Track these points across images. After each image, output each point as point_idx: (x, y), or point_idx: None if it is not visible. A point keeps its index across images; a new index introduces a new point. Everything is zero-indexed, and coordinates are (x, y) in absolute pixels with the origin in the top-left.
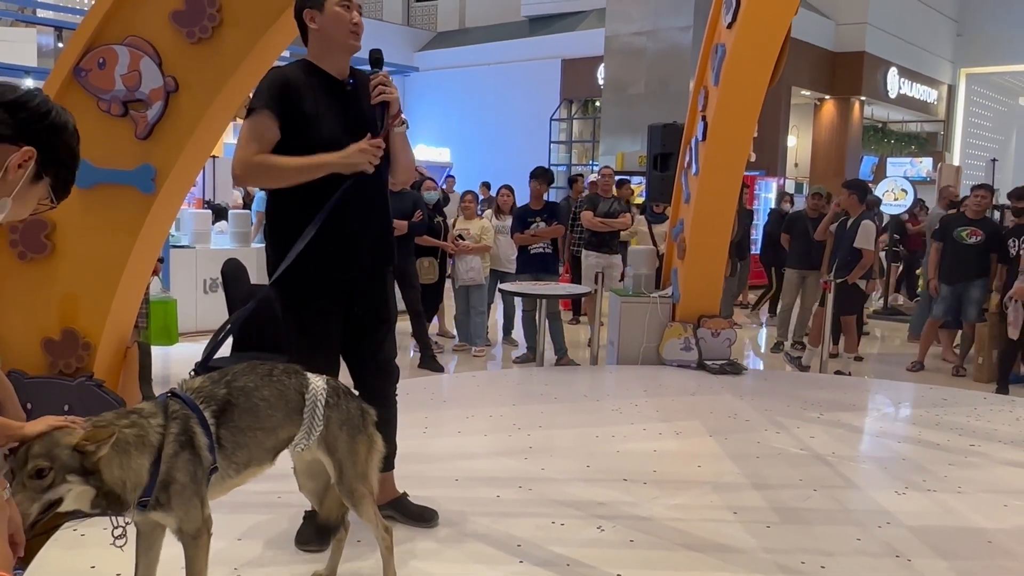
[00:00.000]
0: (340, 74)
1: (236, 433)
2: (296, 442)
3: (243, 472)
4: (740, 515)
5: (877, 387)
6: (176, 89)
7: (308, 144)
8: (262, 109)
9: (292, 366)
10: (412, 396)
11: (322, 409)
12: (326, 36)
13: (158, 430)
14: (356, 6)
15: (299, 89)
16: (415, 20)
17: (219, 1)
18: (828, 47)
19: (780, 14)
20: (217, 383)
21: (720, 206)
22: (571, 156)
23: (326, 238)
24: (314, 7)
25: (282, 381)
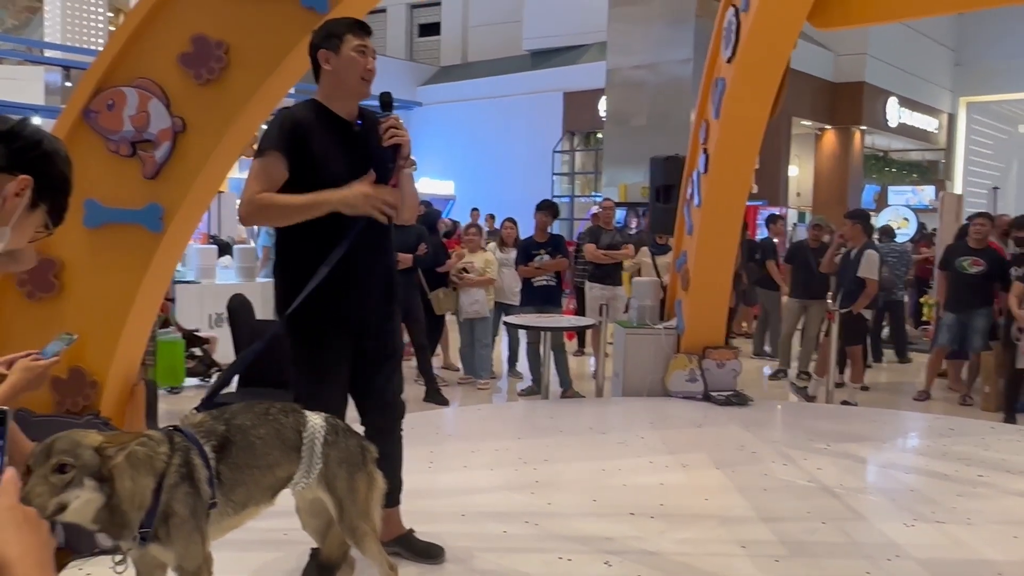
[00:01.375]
0: (349, 115)
1: (234, 470)
2: (295, 481)
3: (241, 512)
4: (748, 549)
5: (884, 417)
6: (184, 129)
7: (315, 184)
8: (271, 150)
9: (290, 404)
10: (417, 430)
11: (320, 447)
12: (338, 79)
13: (163, 457)
14: (371, 52)
15: (308, 130)
16: (418, 55)
17: (226, 43)
18: (828, 78)
19: (779, 48)
20: (217, 419)
21: (723, 238)
22: (574, 188)
23: (336, 278)
24: (330, 48)
25: (279, 419)
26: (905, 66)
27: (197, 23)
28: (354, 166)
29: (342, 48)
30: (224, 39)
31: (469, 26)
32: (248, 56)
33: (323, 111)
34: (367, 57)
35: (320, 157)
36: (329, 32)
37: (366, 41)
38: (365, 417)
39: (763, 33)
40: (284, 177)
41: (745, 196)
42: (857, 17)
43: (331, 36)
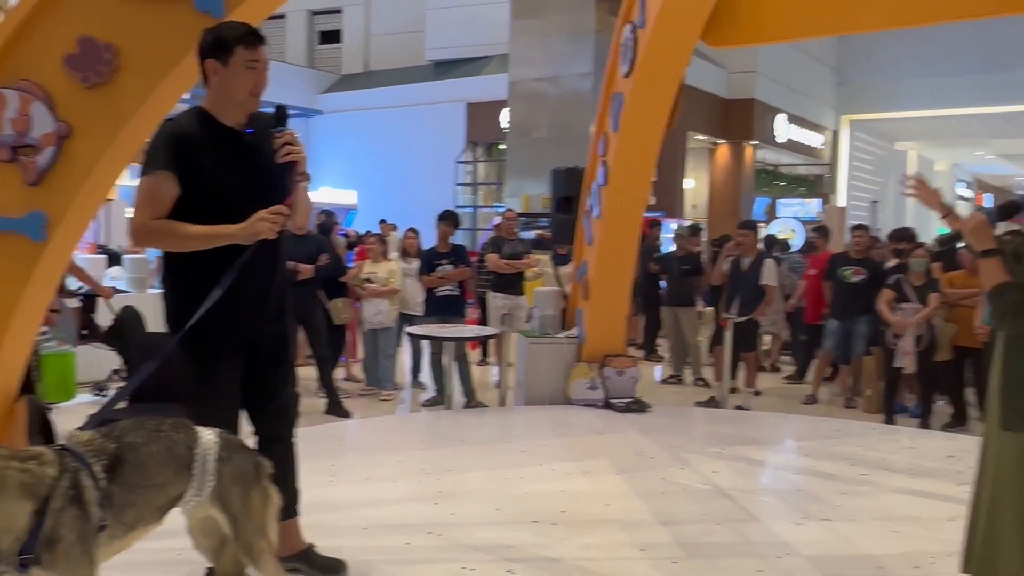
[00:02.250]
0: (237, 125)
1: (126, 490)
2: (187, 499)
3: (129, 534)
4: (647, 552)
5: (775, 421)
6: (70, 134)
7: (206, 197)
8: (158, 169)
9: (182, 420)
10: (318, 443)
11: (213, 464)
12: (226, 91)
13: (49, 480)
14: (264, 65)
15: (195, 142)
16: (319, 62)
17: (115, 46)
18: (721, 94)
19: (674, 64)
20: (107, 437)
21: (622, 248)
22: (477, 198)
23: (229, 294)
24: (219, 59)
25: (171, 436)
26: (792, 85)
27: (84, 24)
28: (246, 177)
29: (231, 61)
30: (113, 41)
31: (371, 34)
32: (139, 60)
33: (210, 121)
34: (258, 72)
35: (210, 171)
36: (219, 40)
37: (257, 55)
38: (257, 427)
39: (659, 49)
40: (175, 195)
41: (643, 207)
42: (746, 37)
43: (220, 46)
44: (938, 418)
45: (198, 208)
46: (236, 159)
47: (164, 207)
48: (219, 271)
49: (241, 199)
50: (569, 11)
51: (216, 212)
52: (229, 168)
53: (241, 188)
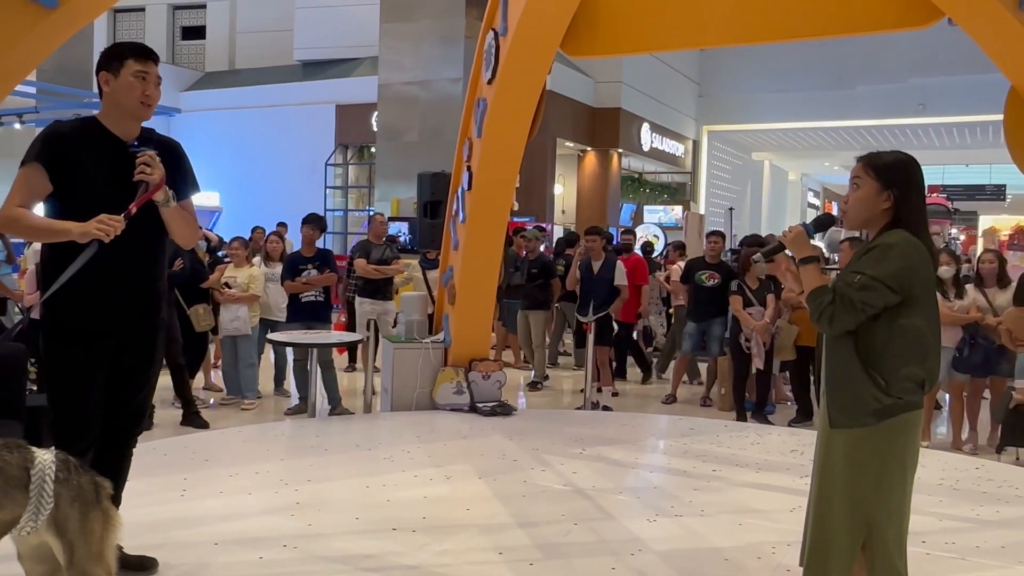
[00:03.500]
0: (125, 135)
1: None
2: (22, 524)
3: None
4: (505, 555)
5: (634, 420)
6: None
7: (76, 197)
8: (32, 162)
9: (15, 440)
10: (171, 456)
11: (51, 486)
12: (116, 101)
13: None
14: (154, 79)
15: (73, 145)
16: (180, 59)
17: None
18: (589, 103)
19: (535, 71)
20: None
21: (487, 253)
22: (347, 201)
23: (95, 289)
24: (110, 71)
25: (2, 456)
26: (656, 95)
27: None
28: (119, 184)
29: (122, 71)
30: None
31: (237, 31)
32: None
33: (97, 128)
34: (148, 83)
35: (83, 172)
36: (111, 54)
37: (148, 67)
38: (107, 428)
39: (520, 57)
40: (46, 188)
41: (507, 212)
42: (605, 48)
43: (112, 58)
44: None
45: (68, 206)
46: (112, 165)
47: (31, 197)
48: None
49: (109, 202)
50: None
51: (84, 212)
52: (103, 173)
53: (111, 193)
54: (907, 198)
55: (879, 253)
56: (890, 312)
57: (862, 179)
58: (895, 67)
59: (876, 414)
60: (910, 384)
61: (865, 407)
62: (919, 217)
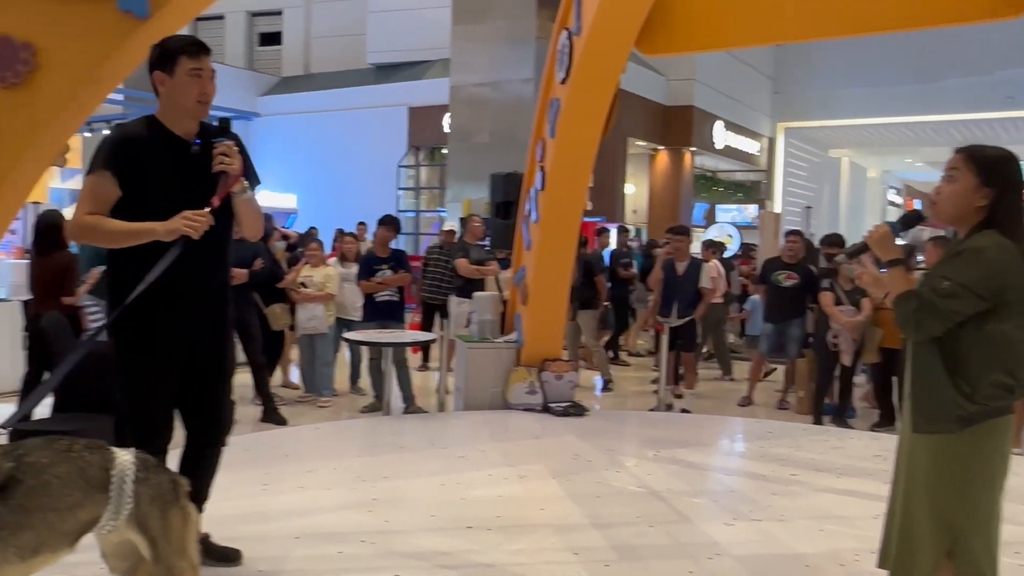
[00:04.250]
0: (186, 134)
1: (19, 513)
2: (103, 523)
3: (31, 559)
4: (580, 556)
5: (709, 423)
6: None
7: (146, 199)
8: (100, 169)
9: (96, 441)
10: (252, 451)
11: (131, 485)
12: (173, 100)
13: None
14: (209, 74)
15: (139, 147)
16: (258, 64)
17: (34, 45)
18: (661, 101)
19: (609, 71)
20: (7, 455)
21: (560, 253)
22: (419, 203)
23: (165, 294)
24: (165, 70)
25: (83, 457)
26: (730, 92)
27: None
28: (186, 183)
29: (176, 71)
30: (32, 41)
31: (312, 37)
32: (60, 60)
33: (159, 128)
34: (203, 80)
35: (151, 175)
36: (164, 53)
37: (202, 63)
38: (194, 431)
39: (594, 56)
40: (115, 195)
41: (580, 212)
42: (680, 45)
43: (165, 57)
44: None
45: (138, 209)
46: (179, 165)
47: (101, 205)
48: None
49: (179, 204)
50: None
51: (155, 214)
52: (170, 173)
53: (180, 193)
54: (1004, 198)
55: (969, 257)
56: (977, 317)
57: (960, 172)
58: (982, 59)
59: (960, 421)
60: (997, 391)
61: (948, 413)
62: (1015, 219)
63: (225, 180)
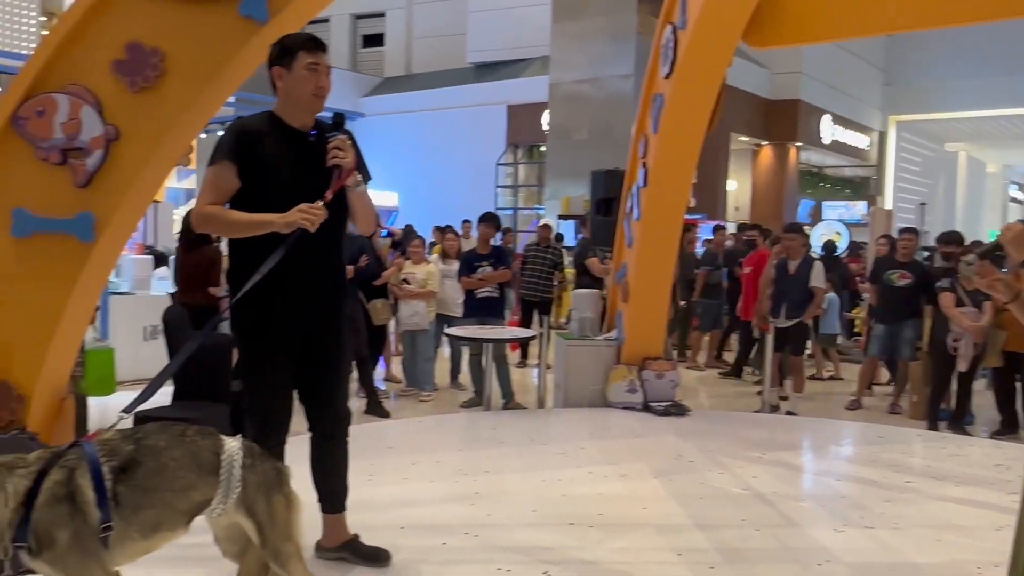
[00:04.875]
0: (302, 128)
1: (139, 492)
2: (213, 506)
3: (152, 536)
4: (684, 556)
5: (816, 426)
6: (117, 137)
7: (264, 191)
8: (221, 159)
9: (206, 428)
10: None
11: (239, 471)
12: (291, 94)
13: (27, 477)
14: (325, 69)
15: (259, 139)
16: (361, 65)
17: (162, 51)
18: (765, 95)
19: (714, 65)
20: (127, 438)
21: (662, 250)
22: (517, 200)
23: (283, 288)
24: (283, 65)
25: (195, 442)
26: (838, 85)
27: (132, 30)
28: (304, 175)
29: (294, 65)
30: (160, 47)
31: (413, 37)
32: (185, 65)
33: (277, 122)
34: (319, 74)
35: (270, 165)
36: (283, 49)
37: (319, 58)
38: (312, 424)
39: (699, 50)
40: (235, 186)
41: (683, 209)
42: (789, 37)
43: (285, 53)
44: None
45: (256, 200)
46: (296, 158)
47: (222, 195)
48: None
49: (296, 195)
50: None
51: (272, 205)
52: (288, 165)
53: (297, 185)
54: None
55: None
56: None
57: None
58: None
59: None
60: None
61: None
62: None
63: (339, 174)
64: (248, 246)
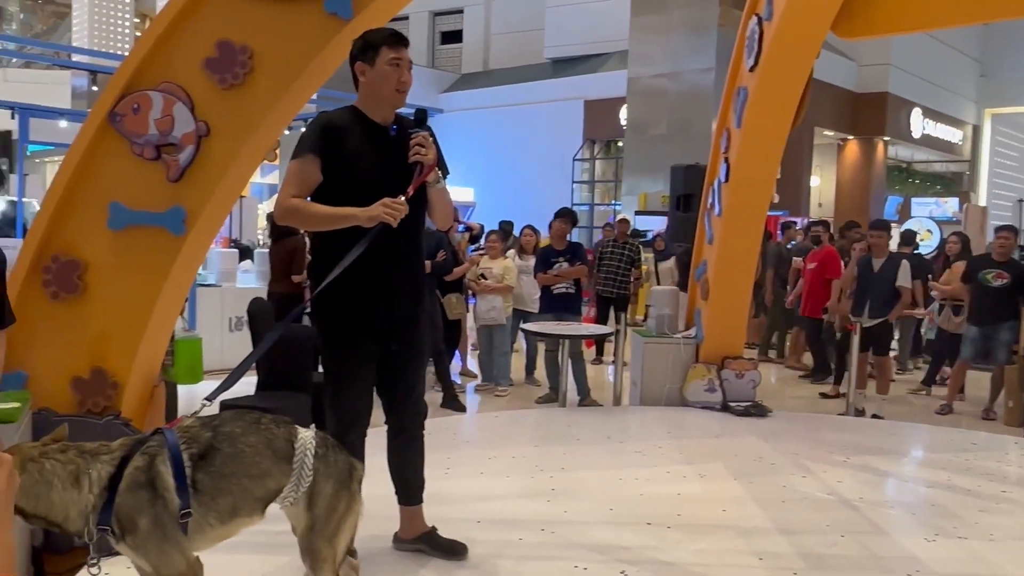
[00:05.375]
0: (384, 121)
1: (217, 479)
2: (285, 495)
3: (229, 522)
4: (766, 561)
5: (905, 430)
6: (208, 133)
7: (346, 184)
8: (305, 153)
9: (281, 416)
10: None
11: (311, 460)
12: (373, 89)
13: (110, 464)
14: (407, 64)
15: (342, 133)
16: (440, 62)
17: (250, 48)
18: (851, 88)
19: (802, 57)
20: (205, 426)
21: (744, 247)
22: (593, 196)
23: (365, 281)
24: (366, 61)
25: (270, 429)
26: (929, 77)
27: (222, 28)
28: (385, 169)
29: (377, 61)
30: (248, 44)
31: (491, 34)
32: (272, 62)
33: (360, 116)
34: (401, 69)
35: (353, 159)
36: (366, 44)
37: (401, 53)
38: (390, 417)
39: (786, 42)
40: (318, 179)
41: (766, 205)
42: (882, 27)
43: (367, 48)
44: None
45: (338, 194)
46: (378, 152)
47: (305, 188)
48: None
49: (377, 190)
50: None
51: (353, 199)
52: (370, 159)
53: (378, 179)
54: None
55: None
56: None
57: None
58: None
59: None
60: None
61: None
62: None
63: (420, 170)
64: (329, 239)
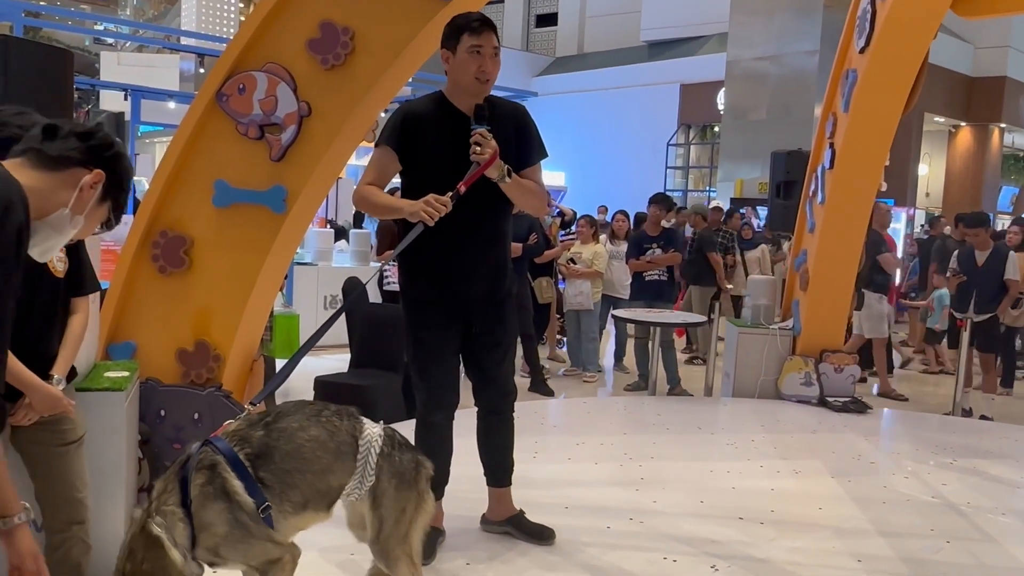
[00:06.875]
0: (468, 110)
1: (281, 475)
2: (348, 492)
3: (303, 513)
4: (865, 563)
5: (1017, 432)
6: (309, 114)
7: (423, 174)
8: (384, 144)
9: (346, 408)
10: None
11: (375, 457)
12: (455, 78)
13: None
14: (490, 52)
15: (421, 123)
16: (534, 45)
17: (352, 30)
18: (965, 72)
19: (917, 38)
20: (255, 425)
21: (848, 237)
22: (687, 182)
23: (448, 263)
24: (449, 47)
25: (332, 422)
26: None
27: (325, 9)
28: (461, 159)
29: (458, 48)
30: (350, 25)
31: (586, 16)
32: (372, 43)
33: (444, 104)
34: (483, 57)
35: (430, 150)
36: (450, 30)
37: (483, 40)
38: (478, 401)
39: (901, 22)
40: (395, 168)
41: (873, 194)
42: (1006, 5)
43: (451, 34)
44: None
45: (417, 181)
46: (458, 141)
47: (382, 176)
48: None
49: (453, 180)
50: None
51: (430, 187)
52: (449, 148)
53: (455, 168)
54: None
55: None
56: None
57: None
58: None
59: None
60: None
61: None
62: None
63: (474, 168)
64: (407, 224)
